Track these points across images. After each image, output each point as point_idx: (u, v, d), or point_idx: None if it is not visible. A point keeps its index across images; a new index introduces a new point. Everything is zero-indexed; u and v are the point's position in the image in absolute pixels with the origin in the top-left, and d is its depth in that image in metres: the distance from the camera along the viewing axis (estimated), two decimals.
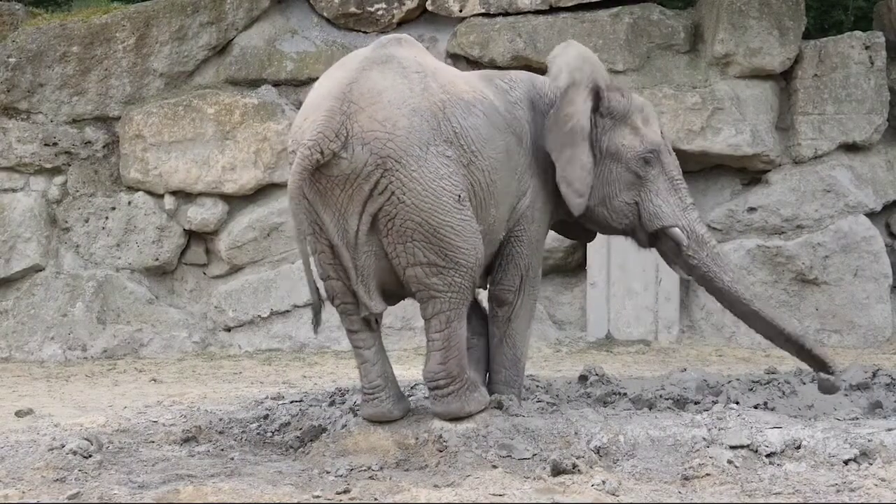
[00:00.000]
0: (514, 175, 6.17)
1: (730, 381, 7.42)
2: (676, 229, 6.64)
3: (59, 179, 11.46)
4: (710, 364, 9.88)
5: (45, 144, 11.40)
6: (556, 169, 6.29)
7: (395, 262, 5.78)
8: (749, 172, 11.79)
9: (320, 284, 6.00)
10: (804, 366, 7.06)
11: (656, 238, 6.72)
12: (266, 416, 6.58)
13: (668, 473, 5.50)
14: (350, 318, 5.95)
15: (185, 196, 11.45)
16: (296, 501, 5.12)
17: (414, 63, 5.90)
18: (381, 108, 5.68)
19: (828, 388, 6.71)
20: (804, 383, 7.37)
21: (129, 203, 11.41)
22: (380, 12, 11.66)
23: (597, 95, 6.48)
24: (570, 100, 6.32)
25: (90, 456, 5.80)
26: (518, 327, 6.46)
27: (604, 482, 5.28)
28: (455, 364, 5.89)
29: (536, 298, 6.62)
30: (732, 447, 5.62)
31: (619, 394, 7.11)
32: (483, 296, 6.70)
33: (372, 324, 5.95)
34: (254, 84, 11.65)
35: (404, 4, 11.65)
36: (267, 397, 7.45)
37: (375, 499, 5.16)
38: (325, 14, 11.77)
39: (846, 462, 5.52)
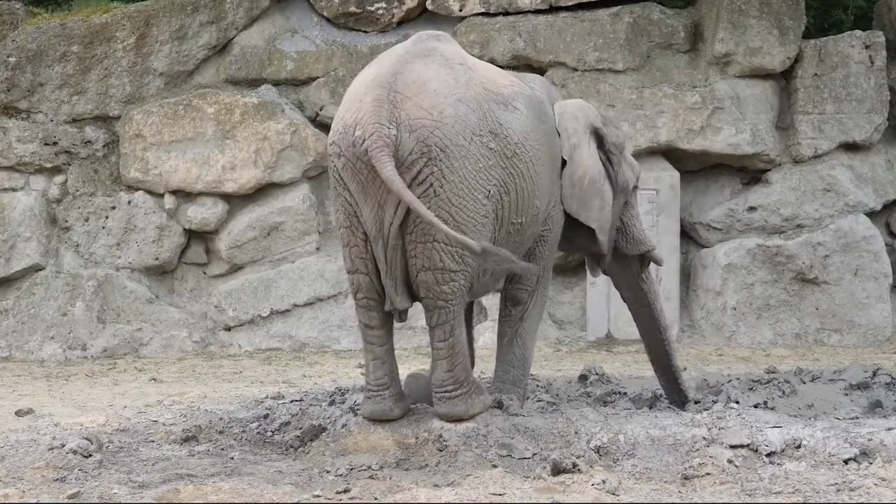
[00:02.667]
0: (555, 167, 6.27)
1: (730, 381, 7.43)
2: (657, 252, 7.01)
3: (59, 179, 11.46)
4: (710, 364, 9.88)
5: (45, 144, 11.39)
6: (592, 222, 6.49)
7: (411, 262, 5.78)
8: (749, 172, 11.79)
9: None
10: (804, 365, 7.08)
11: (623, 258, 6.92)
12: (266, 416, 6.57)
13: (669, 473, 5.50)
14: (370, 313, 5.95)
15: (185, 195, 11.44)
16: (296, 501, 5.12)
17: (457, 55, 5.96)
18: (427, 97, 5.68)
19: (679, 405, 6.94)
20: (804, 383, 7.38)
21: (129, 202, 11.40)
22: (380, 11, 11.65)
23: (597, 135, 6.62)
24: (578, 158, 6.44)
25: (90, 455, 5.80)
26: (529, 327, 6.51)
27: (604, 481, 5.28)
28: (461, 370, 5.91)
29: (546, 299, 6.67)
30: (732, 446, 5.62)
31: (619, 393, 7.12)
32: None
33: (394, 319, 5.97)
34: (254, 83, 11.65)
35: (404, 4, 11.64)
36: (267, 397, 7.44)
37: (375, 498, 5.16)
38: (324, 13, 11.76)
39: (846, 461, 5.51)
